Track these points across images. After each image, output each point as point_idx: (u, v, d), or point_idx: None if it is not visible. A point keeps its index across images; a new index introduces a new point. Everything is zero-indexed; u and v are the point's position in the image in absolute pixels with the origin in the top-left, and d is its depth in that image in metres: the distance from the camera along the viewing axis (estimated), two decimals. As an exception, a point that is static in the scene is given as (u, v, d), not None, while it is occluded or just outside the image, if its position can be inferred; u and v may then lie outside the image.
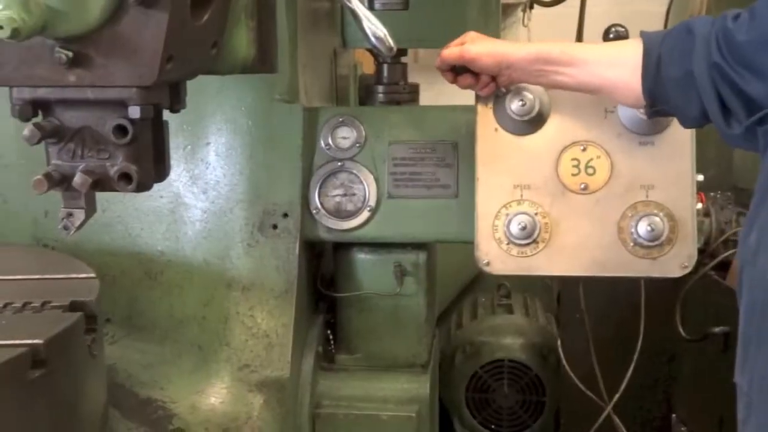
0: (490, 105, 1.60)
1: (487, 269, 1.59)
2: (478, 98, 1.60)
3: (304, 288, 1.76)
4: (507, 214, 1.58)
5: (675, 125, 1.53)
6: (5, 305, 1.20)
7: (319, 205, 1.73)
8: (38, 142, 0.99)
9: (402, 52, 2.16)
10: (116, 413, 1.44)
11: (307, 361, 1.76)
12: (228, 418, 1.56)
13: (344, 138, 1.74)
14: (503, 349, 2.47)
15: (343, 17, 2.10)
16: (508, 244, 1.58)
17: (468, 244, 1.63)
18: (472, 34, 1.52)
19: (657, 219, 1.54)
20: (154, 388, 1.56)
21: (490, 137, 1.59)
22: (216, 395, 1.59)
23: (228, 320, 1.67)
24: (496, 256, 1.59)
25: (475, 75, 1.52)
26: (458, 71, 1.53)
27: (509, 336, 2.50)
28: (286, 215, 1.70)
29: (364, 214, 1.73)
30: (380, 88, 2.19)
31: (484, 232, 1.59)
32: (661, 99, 1.30)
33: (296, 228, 1.70)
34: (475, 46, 1.48)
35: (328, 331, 1.87)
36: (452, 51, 1.50)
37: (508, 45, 1.50)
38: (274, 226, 1.69)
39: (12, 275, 1.37)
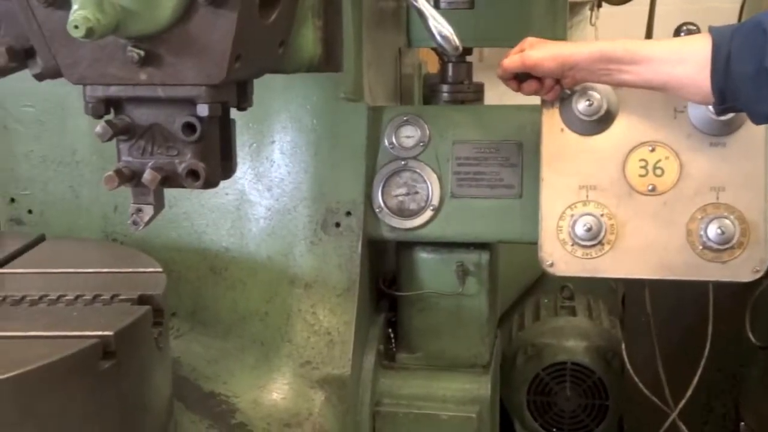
0: (556, 105, 1.58)
1: (550, 270, 1.58)
2: (543, 100, 1.58)
3: (366, 286, 1.77)
4: (572, 215, 1.56)
5: (747, 126, 1.49)
6: (76, 297, 1.23)
7: (382, 204, 1.73)
8: (110, 139, 1.01)
9: (467, 51, 2.15)
10: (181, 405, 1.47)
11: (368, 359, 1.76)
12: (289, 414, 1.57)
13: (408, 137, 1.74)
14: (566, 351, 2.44)
15: (408, 16, 2.10)
16: (572, 245, 1.56)
17: (531, 245, 1.61)
18: (530, 40, 1.50)
19: (728, 222, 1.50)
20: (218, 382, 1.58)
21: (556, 137, 1.58)
22: (278, 391, 1.60)
23: (290, 317, 1.69)
24: (560, 257, 1.57)
25: (539, 80, 1.51)
26: (521, 78, 1.51)
27: (572, 338, 2.47)
28: (349, 213, 1.71)
29: (427, 214, 1.72)
30: (445, 88, 2.18)
31: (548, 232, 1.57)
32: (731, 96, 1.26)
33: (359, 226, 1.70)
34: (535, 51, 1.46)
35: (389, 330, 1.87)
36: (513, 59, 1.48)
37: (570, 46, 1.48)
38: (337, 224, 1.70)
39: (83, 268, 1.41)
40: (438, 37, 1.34)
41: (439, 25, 1.33)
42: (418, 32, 2.12)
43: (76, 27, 0.88)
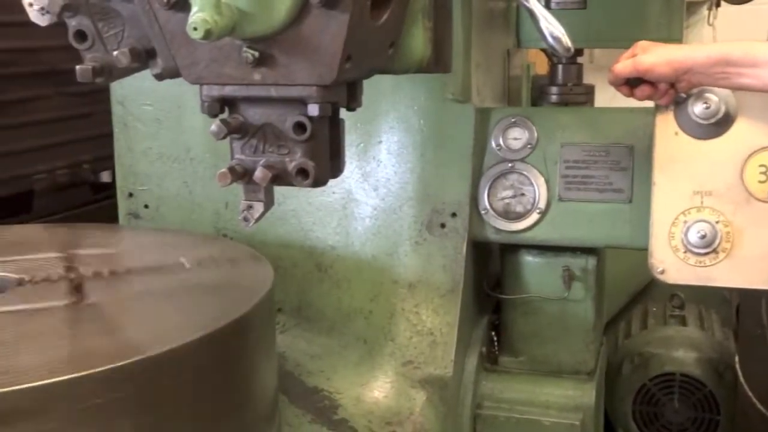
0: (671, 108, 1.53)
1: (661, 278, 1.53)
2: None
3: (470, 288, 1.76)
4: (685, 222, 1.51)
5: None
6: (188, 290, 1.28)
7: (488, 206, 1.72)
8: (224, 138, 1.05)
9: (578, 52, 2.11)
10: (285, 399, 1.50)
11: (471, 361, 1.75)
12: (391, 413, 1.58)
13: (516, 139, 1.73)
14: (674, 362, 2.36)
15: (518, 17, 2.08)
16: (685, 252, 1.51)
17: (640, 251, 1.57)
18: (642, 44, 1.46)
19: None
20: (321, 378, 1.61)
21: (670, 141, 1.53)
22: (380, 389, 1.61)
23: (393, 316, 1.70)
24: (672, 265, 1.52)
25: (652, 84, 1.46)
26: (633, 83, 1.47)
27: (681, 349, 2.39)
28: (454, 215, 1.70)
29: (534, 216, 1.70)
30: (554, 89, 2.15)
31: (659, 239, 1.52)
32: None
33: (464, 228, 1.70)
34: (648, 56, 1.42)
35: (492, 333, 1.86)
36: (625, 65, 1.44)
37: (684, 49, 1.43)
38: (443, 225, 1.70)
39: (196, 263, 1.45)
40: (549, 38, 1.32)
41: (551, 26, 1.31)
42: (527, 33, 2.09)
43: (195, 29, 0.91)
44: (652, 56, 1.42)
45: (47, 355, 1.03)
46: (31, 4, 1.12)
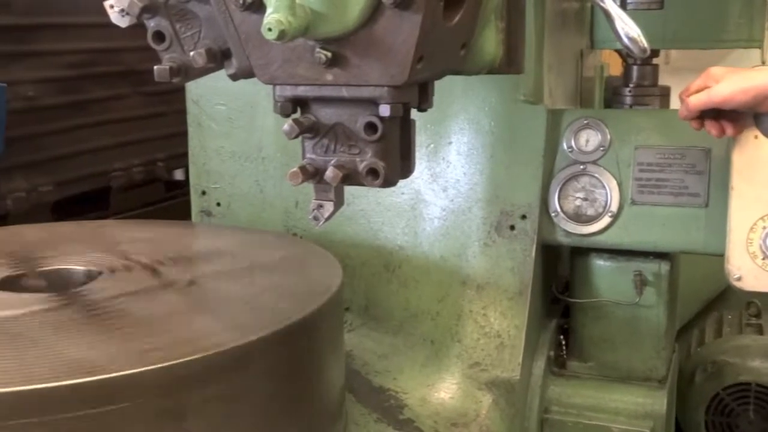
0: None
1: (737, 285, 1.49)
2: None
3: (539, 291, 1.74)
4: (764, 227, 1.46)
5: None
6: (258, 288, 1.30)
7: (558, 208, 1.70)
8: (296, 137, 1.06)
9: (654, 53, 2.07)
10: (351, 397, 1.51)
11: (538, 364, 1.74)
12: (457, 414, 1.57)
13: (588, 141, 1.70)
14: (750, 371, 2.30)
15: (592, 17, 2.05)
16: (763, 259, 1.46)
17: (716, 257, 1.53)
18: (714, 72, 1.38)
19: None
20: (387, 378, 1.61)
21: (750, 145, 1.49)
22: (446, 390, 1.61)
23: (461, 317, 1.69)
24: (750, 272, 1.48)
25: (728, 116, 1.41)
26: (709, 115, 1.42)
27: (758, 358, 2.32)
28: (524, 217, 1.69)
29: (605, 220, 1.68)
30: (628, 91, 2.12)
31: (736, 245, 1.48)
32: None
33: (534, 230, 1.68)
34: (723, 85, 1.34)
35: (561, 337, 1.84)
36: (699, 98, 1.37)
37: (763, 73, 1.35)
38: (512, 227, 1.69)
39: (266, 260, 1.48)
40: (625, 39, 1.30)
41: (626, 27, 1.29)
42: (602, 33, 2.06)
43: (270, 30, 0.92)
44: (729, 85, 1.34)
45: (125, 347, 1.06)
46: (111, 6, 1.15)
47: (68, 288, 1.31)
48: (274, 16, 0.92)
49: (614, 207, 1.67)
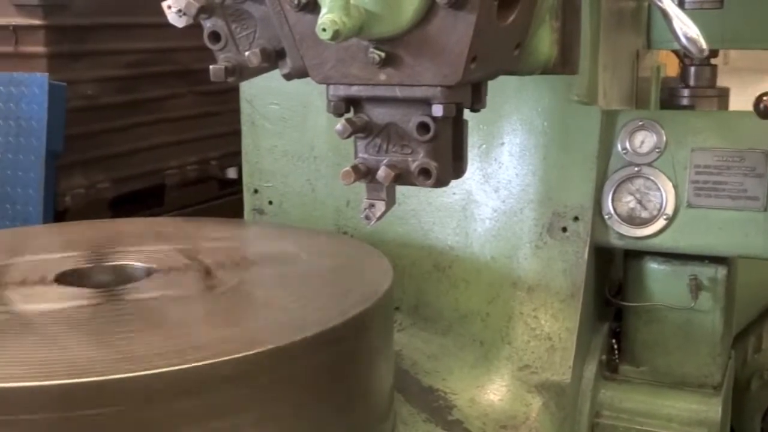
0: (812, 111, 1.46)
1: (796, 291, 1.46)
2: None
3: (591, 294, 1.72)
4: (825, 232, 1.43)
5: None
6: (310, 286, 1.30)
7: (611, 211, 1.68)
8: (349, 137, 1.06)
9: (712, 53, 2.03)
10: (400, 397, 1.51)
11: (589, 368, 1.72)
12: (506, 416, 1.57)
13: (643, 142, 1.68)
14: (809, 380, 2.24)
15: (649, 17, 2.02)
16: (824, 265, 1.43)
17: (775, 262, 1.50)
18: None
19: None
20: (437, 378, 1.61)
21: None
22: (495, 392, 1.60)
23: (511, 319, 1.68)
24: (809, 278, 1.44)
25: None
26: None
27: (817, 367, 2.27)
28: (576, 219, 1.67)
29: (660, 223, 1.65)
30: (685, 92, 2.08)
31: (796, 250, 1.45)
32: None
33: (586, 232, 1.66)
34: None
35: (613, 340, 1.81)
36: None
37: None
38: (564, 229, 1.67)
39: (317, 259, 1.49)
40: (683, 39, 1.28)
41: (685, 26, 1.27)
42: (659, 33, 2.03)
43: (324, 30, 0.93)
44: None
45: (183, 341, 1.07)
46: (169, 7, 1.17)
47: (121, 284, 1.33)
48: (328, 16, 0.92)
49: (669, 210, 1.64)
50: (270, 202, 1.92)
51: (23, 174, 2.43)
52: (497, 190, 1.71)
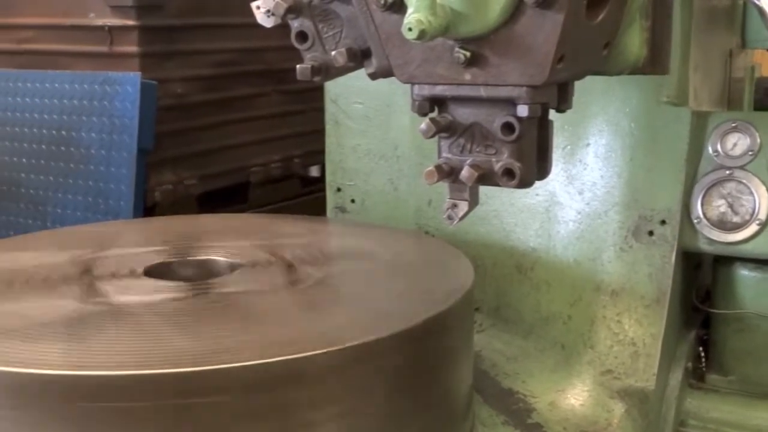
0: None
1: None
2: None
3: (677, 299, 1.68)
4: None
5: None
6: (390, 285, 1.31)
7: (701, 215, 1.63)
8: (432, 136, 1.06)
9: (811, 52, 1.96)
10: (479, 398, 1.50)
11: (675, 375, 1.68)
12: (587, 422, 1.54)
13: (735, 145, 1.63)
14: None
15: (744, 15, 1.96)
16: None
17: None
18: None
19: None
20: (516, 381, 1.59)
21: None
22: (576, 396, 1.58)
23: (594, 323, 1.65)
24: None
25: None
26: None
27: None
28: (663, 222, 1.63)
29: (752, 228, 1.60)
30: (781, 92, 2.01)
31: None
32: None
33: (674, 236, 1.62)
34: None
35: (700, 348, 1.76)
36: None
37: None
38: (650, 233, 1.64)
39: (399, 258, 1.49)
40: (780, 38, 1.23)
41: (782, 25, 1.23)
42: (754, 32, 1.97)
43: (410, 29, 0.93)
44: None
45: (269, 336, 1.09)
46: (258, 7, 1.19)
47: (206, 278, 1.36)
48: (414, 16, 0.93)
49: (763, 215, 1.59)
50: (352, 201, 1.94)
51: (115, 170, 2.51)
52: (582, 192, 1.69)
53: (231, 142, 2.90)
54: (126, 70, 2.52)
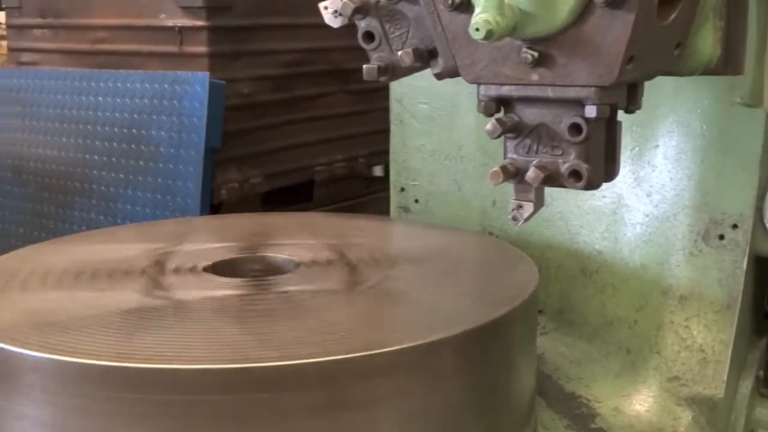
0: None
1: None
2: None
3: (748, 306, 1.64)
4: None
5: None
6: (453, 285, 1.31)
7: (774, 219, 1.59)
8: (498, 137, 1.06)
9: None
10: (542, 401, 1.49)
11: (745, 384, 1.63)
12: (652, 428, 1.51)
13: (812, 147, 1.58)
14: None
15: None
16: None
17: None
18: None
19: None
20: (580, 385, 1.58)
21: None
22: (642, 402, 1.55)
23: (661, 328, 1.62)
24: None
25: None
26: None
27: None
28: (735, 226, 1.59)
29: (828, 233, 1.55)
30: None
31: None
32: None
33: (746, 241, 1.58)
34: None
35: (772, 357, 1.72)
36: None
37: None
38: (721, 237, 1.60)
39: (462, 259, 1.49)
40: None
41: None
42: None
43: (477, 29, 0.93)
44: None
45: (328, 334, 1.10)
46: (326, 8, 1.20)
47: (269, 276, 1.38)
48: (482, 15, 0.92)
49: (839, 220, 1.54)
50: (416, 201, 1.94)
51: (183, 168, 2.56)
52: (650, 194, 1.66)
53: (296, 141, 2.93)
54: (195, 69, 2.57)
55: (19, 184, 3.00)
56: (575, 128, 1.01)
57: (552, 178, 1.05)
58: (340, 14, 1.18)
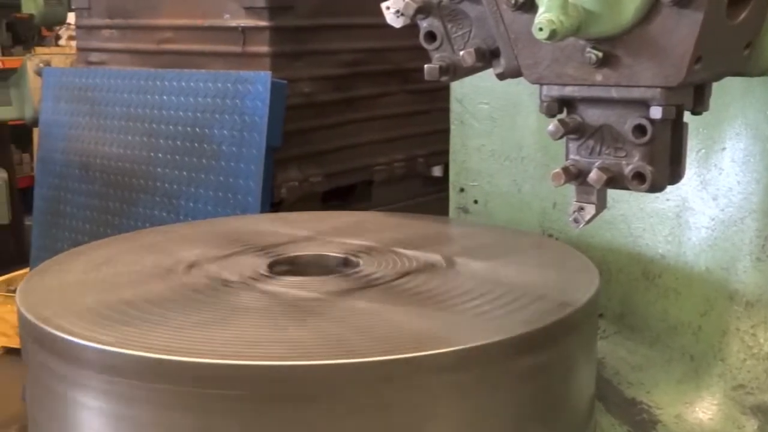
0: None
1: None
2: None
3: (818, 314, 1.59)
4: None
5: None
6: (513, 288, 1.30)
7: None
8: (561, 137, 1.05)
9: None
10: (601, 406, 1.47)
11: (813, 394, 1.59)
12: (716, 437, 1.48)
13: None
14: None
15: None
16: None
17: None
18: None
19: None
20: (641, 390, 1.55)
21: None
22: (705, 410, 1.52)
23: (726, 335, 1.58)
24: None
25: None
26: None
27: None
28: (804, 231, 1.55)
29: None
30: None
31: None
32: None
33: (815, 246, 1.54)
34: None
35: (842, 366, 1.66)
36: None
37: None
38: (790, 242, 1.55)
39: (522, 261, 1.47)
40: None
41: None
42: None
43: (541, 29, 0.92)
44: None
45: (384, 335, 1.11)
46: (388, 8, 1.20)
47: (324, 275, 1.39)
48: (545, 15, 0.92)
49: None
50: (475, 201, 1.93)
51: (245, 166, 2.59)
52: (716, 198, 1.62)
53: (356, 140, 2.94)
54: (257, 69, 2.60)
55: (86, 181, 3.07)
56: (640, 129, 1.00)
57: (615, 180, 1.03)
58: (402, 14, 1.18)
